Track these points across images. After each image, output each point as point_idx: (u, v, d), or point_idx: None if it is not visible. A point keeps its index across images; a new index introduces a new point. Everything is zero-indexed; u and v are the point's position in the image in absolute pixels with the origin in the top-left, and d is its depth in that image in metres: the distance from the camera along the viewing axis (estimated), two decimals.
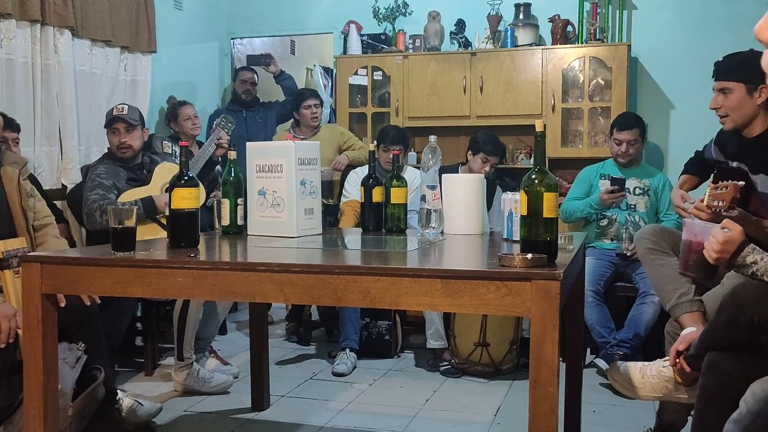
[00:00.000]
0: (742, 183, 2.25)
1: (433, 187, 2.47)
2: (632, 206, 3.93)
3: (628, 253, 3.78)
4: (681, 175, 3.03)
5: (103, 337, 2.73)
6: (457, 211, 2.52)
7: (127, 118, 3.40)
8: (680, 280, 2.44)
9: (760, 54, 2.63)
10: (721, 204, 2.21)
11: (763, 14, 3.31)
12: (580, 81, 4.61)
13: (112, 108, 3.50)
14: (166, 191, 3.20)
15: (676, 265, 2.47)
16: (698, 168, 2.94)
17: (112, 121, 3.41)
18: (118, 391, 2.85)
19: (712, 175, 2.86)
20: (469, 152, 4.00)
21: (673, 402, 2.43)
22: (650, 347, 3.50)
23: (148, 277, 1.89)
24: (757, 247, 1.96)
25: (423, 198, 2.48)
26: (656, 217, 3.98)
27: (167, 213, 2.36)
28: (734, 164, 2.62)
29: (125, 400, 2.82)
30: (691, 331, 2.25)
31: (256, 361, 3.09)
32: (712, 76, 2.52)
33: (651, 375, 2.28)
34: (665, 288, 2.51)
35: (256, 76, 5.08)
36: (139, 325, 3.80)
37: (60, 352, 2.30)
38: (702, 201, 2.32)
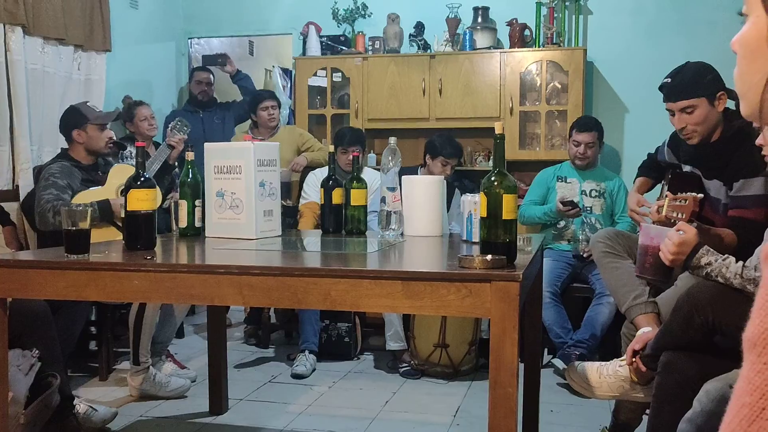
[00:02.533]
0: (700, 195, 2.30)
1: (393, 189, 2.47)
2: (588, 209, 4.00)
3: (585, 255, 3.84)
4: (636, 178, 3.09)
5: (57, 343, 2.67)
6: (417, 213, 2.53)
7: (121, 113, 3.43)
8: (635, 282, 2.49)
9: (704, 65, 2.70)
10: (681, 216, 2.26)
11: (716, 20, 3.39)
12: (538, 84, 4.67)
13: (85, 105, 3.45)
14: (121, 193, 3.15)
15: (631, 268, 2.52)
16: (651, 170, 3.01)
17: (117, 118, 3.41)
18: (75, 397, 2.79)
19: (666, 176, 2.94)
20: (427, 156, 4.00)
21: (629, 401, 2.48)
22: (606, 347, 3.56)
23: (103, 280, 1.85)
24: (711, 249, 2.01)
25: (383, 200, 2.48)
26: (612, 219, 4.05)
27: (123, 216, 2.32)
28: (687, 168, 2.69)
29: (80, 406, 2.76)
30: (647, 331, 2.30)
31: (214, 364, 3.06)
32: (665, 100, 2.55)
33: (607, 375, 2.32)
34: (620, 290, 2.56)
35: (212, 76, 5.02)
36: (93, 329, 3.72)
37: (13, 359, 2.24)
38: (660, 207, 2.36)
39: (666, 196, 2.40)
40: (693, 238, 2.00)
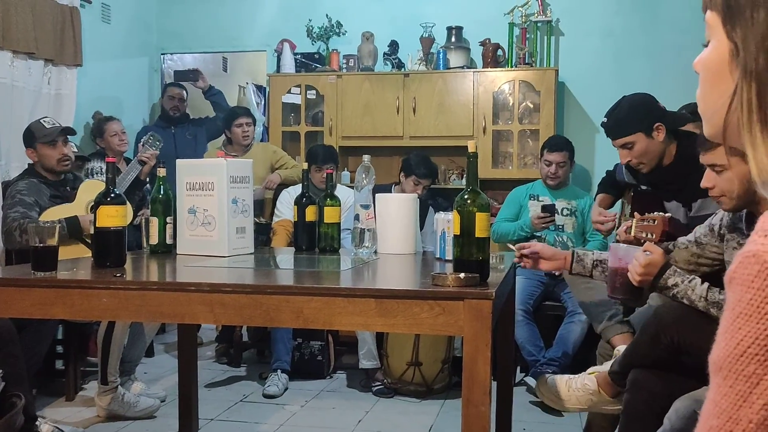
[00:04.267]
0: (669, 215, 2.34)
1: (366, 207, 2.47)
2: (560, 227, 4.03)
3: (557, 273, 3.85)
4: (597, 194, 3.14)
5: (22, 362, 2.61)
6: (391, 231, 2.53)
7: (71, 128, 3.36)
8: (609, 302, 2.51)
9: (638, 98, 2.79)
10: (651, 237, 2.29)
11: (683, 44, 3.48)
12: (510, 104, 4.71)
13: (39, 123, 3.39)
14: (91, 209, 3.10)
15: (603, 288, 2.55)
16: (612, 187, 3.07)
17: (59, 134, 3.32)
18: (38, 417, 2.73)
19: (627, 194, 2.99)
20: (402, 174, 4.03)
21: (600, 419, 2.49)
22: (578, 365, 3.57)
23: (71, 297, 1.81)
24: (678, 270, 2.03)
25: (356, 217, 2.47)
26: (583, 237, 4.09)
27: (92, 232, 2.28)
28: (643, 188, 2.74)
29: (44, 427, 2.70)
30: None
31: (185, 383, 3.00)
32: (608, 137, 2.63)
33: (576, 388, 2.34)
34: (594, 311, 2.58)
35: (185, 92, 5.00)
36: (59, 347, 3.65)
37: None
38: (628, 228, 2.39)
39: (633, 216, 2.43)
40: (659, 259, 2.03)
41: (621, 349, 2.51)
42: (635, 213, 2.45)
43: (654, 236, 2.28)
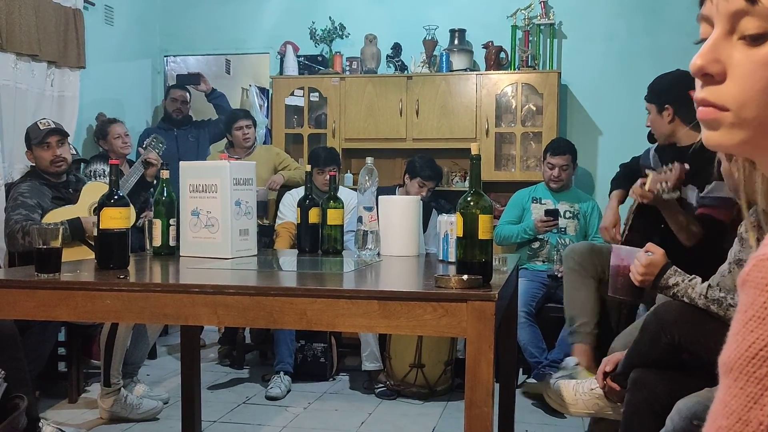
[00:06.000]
0: (687, 166, 2.36)
1: (370, 209, 2.47)
2: (563, 229, 4.03)
3: (559, 275, 3.86)
4: (611, 191, 3.14)
5: (24, 364, 2.61)
6: (394, 233, 2.53)
7: (62, 129, 3.33)
8: (587, 308, 2.59)
9: (675, 76, 2.83)
10: (665, 186, 2.32)
11: (685, 46, 3.48)
12: (513, 106, 4.71)
13: (35, 125, 3.40)
14: (94, 211, 3.11)
15: (591, 292, 2.61)
16: (626, 181, 3.08)
17: (46, 136, 3.31)
18: (41, 419, 2.73)
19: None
20: (406, 176, 4.03)
21: (604, 422, 2.49)
22: None
23: (74, 299, 1.81)
24: (679, 269, 2.04)
25: (360, 219, 2.48)
26: (585, 240, 4.09)
27: (96, 234, 2.29)
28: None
29: (46, 428, 2.70)
30: (617, 353, 2.33)
31: (187, 385, 3.00)
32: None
33: (583, 392, 2.34)
34: (571, 312, 2.67)
35: (188, 94, 5.00)
36: (62, 349, 3.65)
37: None
38: (643, 183, 2.43)
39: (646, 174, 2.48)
40: (660, 258, 2.04)
41: (568, 361, 2.61)
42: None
43: (669, 184, 2.32)
